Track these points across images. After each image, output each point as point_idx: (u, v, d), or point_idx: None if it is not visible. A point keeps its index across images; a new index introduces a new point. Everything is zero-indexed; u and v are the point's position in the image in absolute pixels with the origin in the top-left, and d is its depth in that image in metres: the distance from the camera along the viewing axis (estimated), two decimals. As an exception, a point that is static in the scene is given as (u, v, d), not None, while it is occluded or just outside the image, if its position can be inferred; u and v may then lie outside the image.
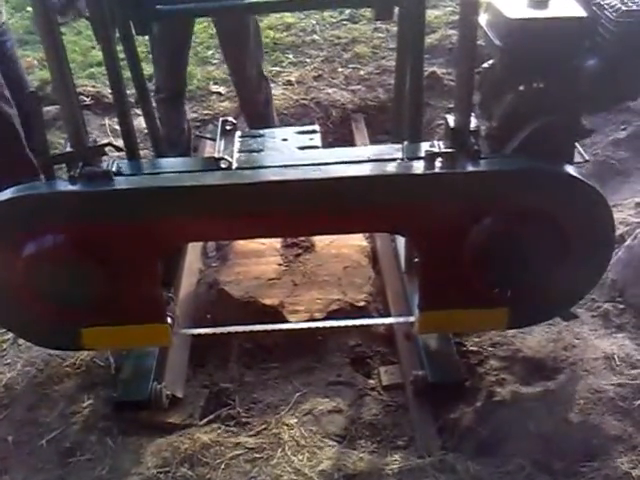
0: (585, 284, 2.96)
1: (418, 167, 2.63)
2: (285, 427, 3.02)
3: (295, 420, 3.07)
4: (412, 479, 2.74)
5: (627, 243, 3.54)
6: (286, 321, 3.43)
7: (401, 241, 3.67)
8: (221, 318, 3.52)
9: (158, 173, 2.79)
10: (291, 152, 2.85)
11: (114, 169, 2.68)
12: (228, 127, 2.98)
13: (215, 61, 5.93)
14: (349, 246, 3.84)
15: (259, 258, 3.76)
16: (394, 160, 2.72)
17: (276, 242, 3.86)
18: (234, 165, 2.72)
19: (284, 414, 3.11)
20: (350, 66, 5.78)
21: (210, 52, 6.01)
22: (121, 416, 3.12)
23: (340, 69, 5.74)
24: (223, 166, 2.69)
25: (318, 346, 3.44)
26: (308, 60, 5.93)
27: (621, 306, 3.45)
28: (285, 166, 2.69)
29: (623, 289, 3.48)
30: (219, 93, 5.42)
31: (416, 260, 3.02)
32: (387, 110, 4.96)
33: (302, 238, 3.87)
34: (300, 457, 2.87)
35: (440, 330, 3.16)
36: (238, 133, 2.96)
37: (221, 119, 3.04)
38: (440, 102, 5.17)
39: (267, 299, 3.52)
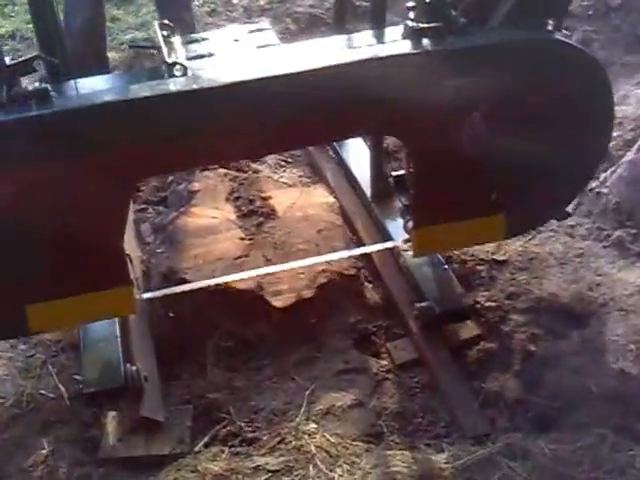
0: (585, 171, 2.75)
1: (405, 47, 2.32)
2: (306, 436, 2.51)
3: (314, 425, 2.56)
4: (483, 475, 2.31)
5: (629, 158, 3.24)
6: (271, 307, 2.89)
7: (364, 170, 3.39)
8: (188, 314, 2.93)
9: (103, 91, 2.25)
10: (249, 52, 2.46)
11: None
12: (166, 32, 2.45)
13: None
14: (315, 205, 3.33)
15: (215, 235, 3.17)
16: (373, 45, 2.40)
17: (228, 213, 3.28)
18: (189, 72, 2.25)
19: (298, 420, 2.59)
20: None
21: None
22: (93, 457, 2.52)
23: (235, 0, 5.10)
24: (178, 74, 2.22)
25: (313, 330, 2.93)
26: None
27: (633, 231, 3.16)
28: (254, 66, 2.27)
29: (632, 211, 3.19)
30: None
31: (410, 171, 2.61)
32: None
33: (258, 203, 3.31)
34: (339, 471, 2.38)
35: (437, 248, 2.87)
36: (178, 39, 2.45)
37: (157, 22, 2.54)
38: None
39: (239, 283, 2.95)
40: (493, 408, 2.64)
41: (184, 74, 2.23)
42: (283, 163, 3.76)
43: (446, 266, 3.06)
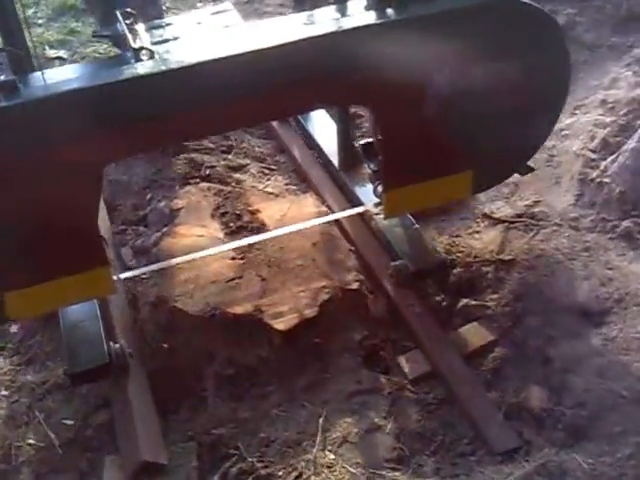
0: (545, 124, 2.81)
1: (370, 17, 2.36)
2: (325, 470, 2.37)
3: (332, 456, 2.43)
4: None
5: (632, 146, 3.13)
6: (272, 330, 2.73)
7: (331, 142, 3.45)
8: (183, 345, 2.76)
9: (72, 79, 2.19)
10: (215, 33, 2.49)
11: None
12: (129, 20, 2.43)
13: (40, 21, 4.88)
14: (307, 216, 3.16)
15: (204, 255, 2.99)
16: (338, 18, 2.41)
17: (216, 230, 3.10)
18: (156, 56, 2.25)
19: (314, 451, 2.44)
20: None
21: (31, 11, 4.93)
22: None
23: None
24: (145, 58, 2.22)
25: (319, 351, 2.77)
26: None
27: (640, 220, 3.05)
28: (221, 45, 2.27)
29: (637, 201, 3.08)
30: (60, 58, 4.42)
31: (378, 137, 2.64)
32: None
33: (246, 218, 3.14)
34: (366, 506, 2.24)
35: (408, 209, 2.92)
36: (142, 26, 2.45)
37: (119, 11, 2.48)
38: None
39: (237, 307, 2.79)
40: (518, 420, 2.53)
41: (151, 58, 2.22)
42: (267, 171, 3.60)
43: (417, 226, 3.10)
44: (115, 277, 2.60)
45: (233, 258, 2.98)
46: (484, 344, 2.77)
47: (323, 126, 3.68)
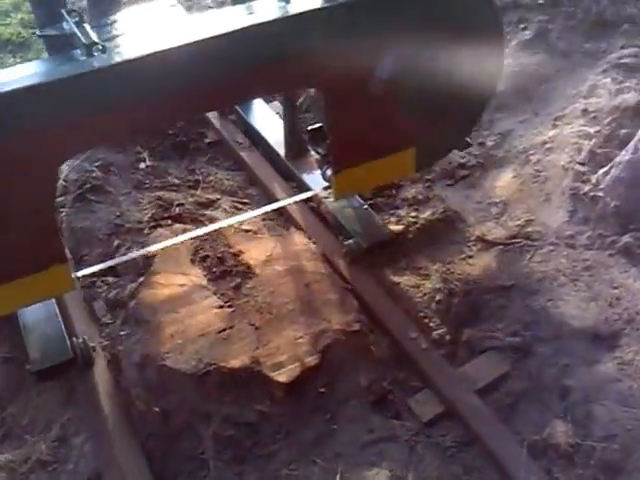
0: (481, 99, 3.00)
1: (315, 2, 2.46)
2: (351, 533, 2.26)
3: (355, 517, 2.31)
4: None
5: (626, 158, 3.10)
6: (273, 383, 2.61)
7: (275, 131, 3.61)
8: (177, 407, 2.61)
9: (25, 77, 2.22)
10: (162, 26, 2.52)
11: None
12: (76, 19, 2.45)
13: None
14: (295, 254, 3.05)
15: (189, 306, 2.85)
16: (283, 5, 2.48)
17: (198, 277, 2.96)
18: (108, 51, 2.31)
19: (337, 514, 2.33)
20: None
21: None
22: None
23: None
24: (97, 53, 2.28)
25: (324, 400, 2.65)
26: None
27: (639, 234, 3.03)
28: (169, 36, 2.34)
29: (634, 214, 3.05)
30: None
31: (328, 121, 2.80)
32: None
33: (230, 261, 3.01)
34: None
35: (357, 189, 3.05)
36: (87, 26, 2.43)
37: (64, 10, 2.50)
38: None
39: (232, 360, 2.65)
40: (544, 458, 2.46)
41: (103, 52, 2.28)
42: (239, 206, 3.47)
43: (366, 205, 3.28)
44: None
45: (220, 307, 2.84)
46: (496, 377, 2.70)
47: (265, 118, 3.85)
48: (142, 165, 3.62)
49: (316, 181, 3.25)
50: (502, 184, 3.40)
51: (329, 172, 2.89)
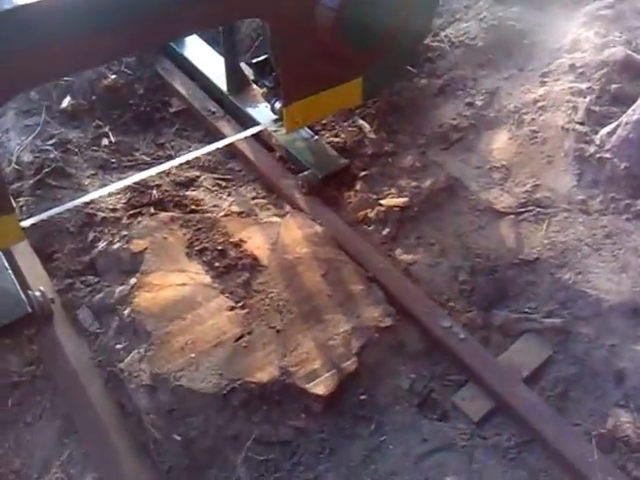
0: (425, 22, 2.81)
1: None
2: None
3: None
4: None
5: (634, 118, 2.60)
6: (310, 396, 2.01)
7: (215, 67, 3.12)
8: (200, 433, 1.98)
9: None
10: None
11: None
12: None
13: None
14: (303, 240, 2.41)
15: (195, 309, 2.18)
16: None
17: (199, 274, 2.29)
18: None
19: None
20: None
21: None
22: None
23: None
24: None
25: (366, 410, 2.08)
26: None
27: (653, 196, 2.57)
28: None
29: (646, 175, 2.59)
30: None
31: (276, 52, 2.44)
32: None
33: (232, 253, 2.35)
34: None
35: (307, 120, 2.64)
36: None
37: None
38: None
39: (258, 373, 2.03)
40: (614, 452, 1.99)
41: None
42: (223, 183, 2.77)
43: (316, 137, 2.91)
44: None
45: (232, 308, 2.20)
46: (541, 364, 2.21)
47: (203, 54, 3.28)
48: (105, 142, 2.85)
49: (263, 114, 2.88)
50: (499, 146, 2.84)
51: (278, 105, 2.60)
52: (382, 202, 2.66)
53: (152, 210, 2.51)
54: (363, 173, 2.77)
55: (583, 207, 2.60)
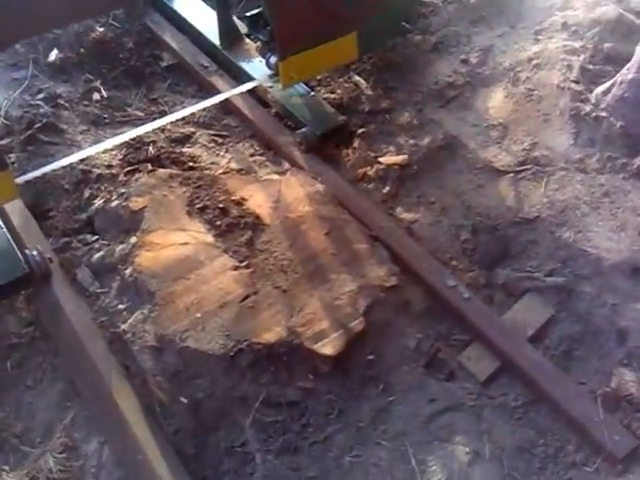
0: None
1: None
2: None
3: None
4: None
5: (629, 77, 2.51)
6: (318, 357, 1.92)
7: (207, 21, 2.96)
8: (207, 395, 1.88)
9: None
10: None
11: None
12: None
13: None
14: (305, 198, 2.29)
15: (198, 269, 2.06)
16: None
17: (200, 232, 2.16)
18: None
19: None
20: None
21: None
22: None
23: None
24: None
25: (374, 370, 2.00)
26: None
27: (650, 155, 2.50)
28: None
29: (642, 134, 2.51)
30: None
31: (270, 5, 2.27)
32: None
33: (234, 211, 2.22)
34: None
35: (303, 76, 2.54)
36: None
37: None
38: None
39: (265, 334, 1.93)
40: (619, 411, 1.95)
41: None
42: (219, 140, 2.63)
43: (313, 93, 2.75)
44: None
45: (236, 268, 2.08)
46: (544, 323, 2.15)
47: (194, 7, 3.10)
48: (96, 96, 2.67)
49: (258, 69, 2.70)
50: (495, 104, 2.74)
51: (273, 59, 2.44)
52: (381, 160, 2.54)
53: (149, 167, 2.36)
54: (361, 130, 2.65)
55: (580, 166, 2.53)
